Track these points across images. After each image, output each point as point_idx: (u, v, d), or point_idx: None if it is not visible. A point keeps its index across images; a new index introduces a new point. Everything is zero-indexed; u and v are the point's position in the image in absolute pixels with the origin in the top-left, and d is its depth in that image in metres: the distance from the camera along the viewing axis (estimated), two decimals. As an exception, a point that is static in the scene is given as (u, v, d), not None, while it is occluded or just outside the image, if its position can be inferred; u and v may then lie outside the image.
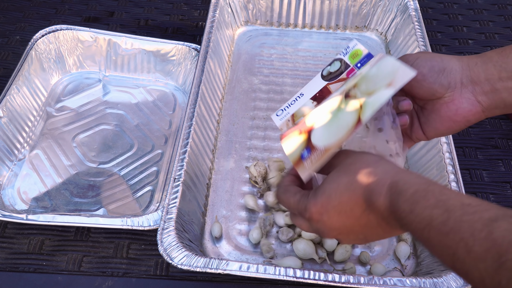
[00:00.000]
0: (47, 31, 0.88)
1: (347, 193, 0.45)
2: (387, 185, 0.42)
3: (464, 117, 0.51)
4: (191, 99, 0.77)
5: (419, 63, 0.50)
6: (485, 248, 0.35)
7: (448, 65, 0.50)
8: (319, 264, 0.68)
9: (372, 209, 0.44)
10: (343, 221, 0.46)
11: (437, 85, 0.50)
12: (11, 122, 0.79)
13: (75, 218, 0.66)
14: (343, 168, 0.46)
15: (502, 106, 0.50)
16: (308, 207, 0.47)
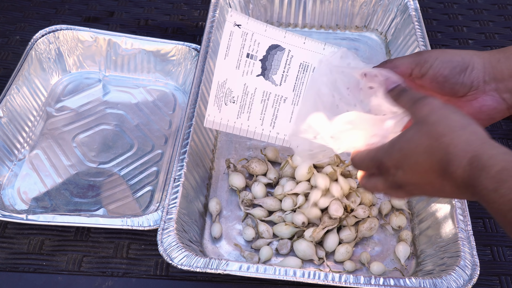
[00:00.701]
0: (47, 31, 0.88)
1: (425, 156, 0.43)
2: (468, 157, 0.40)
3: (488, 115, 0.50)
4: (191, 99, 0.77)
5: (439, 64, 0.49)
6: None
7: (469, 64, 0.49)
8: (317, 265, 0.67)
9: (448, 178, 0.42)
10: (418, 180, 0.45)
11: (459, 86, 0.49)
12: (11, 122, 0.79)
13: (75, 218, 0.66)
14: (425, 129, 0.43)
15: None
16: (385, 160, 0.46)
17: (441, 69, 0.49)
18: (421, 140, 0.43)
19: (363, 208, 0.69)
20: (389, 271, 0.67)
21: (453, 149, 0.41)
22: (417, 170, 0.44)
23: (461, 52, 0.50)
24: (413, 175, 0.45)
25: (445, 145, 0.41)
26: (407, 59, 0.51)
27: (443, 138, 0.42)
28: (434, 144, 0.42)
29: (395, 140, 0.45)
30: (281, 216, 0.70)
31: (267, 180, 0.75)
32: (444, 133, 0.42)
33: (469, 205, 0.68)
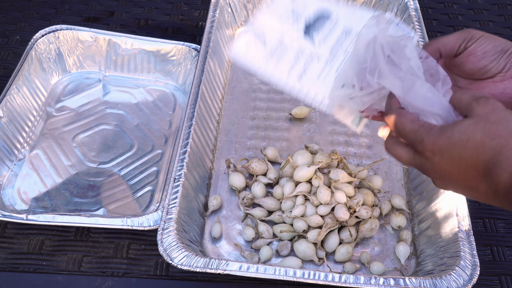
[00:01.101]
0: (47, 31, 0.88)
1: (472, 152, 0.42)
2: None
3: (509, 98, 0.50)
4: (191, 99, 0.77)
5: (483, 40, 0.50)
6: None
7: (510, 48, 0.50)
8: (318, 265, 0.68)
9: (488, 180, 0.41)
10: (452, 173, 0.44)
11: (493, 64, 0.50)
12: (11, 122, 0.79)
13: (75, 218, 0.66)
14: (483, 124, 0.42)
15: None
16: (426, 141, 0.45)
17: (484, 44, 0.50)
18: (475, 134, 0.42)
19: (366, 208, 0.69)
20: (389, 271, 0.67)
21: (506, 152, 0.40)
22: (458, 163, 0.43)
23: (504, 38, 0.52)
24: (452, 166, 0.44)
25: (499, 146, 0.41)
26: (455, 36, 0.52)
27: (499, 139, 0.41)
28: (488, 142, 0.41)
29: (447, 126, 0.44)
30: (281, 216, 0.70)
31: (267, 180, 0.75)
32: (501, 134, 0.41)
33: (469, 205, 0.68)
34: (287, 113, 0.87)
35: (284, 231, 0.68)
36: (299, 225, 0.68)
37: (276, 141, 0.83)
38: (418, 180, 0.75)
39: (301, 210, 0.68)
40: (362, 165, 0.80)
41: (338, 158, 0.72)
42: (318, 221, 0.67)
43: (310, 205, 0.69)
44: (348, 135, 0.84)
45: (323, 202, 0.67)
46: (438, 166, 0.45)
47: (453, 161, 0.43)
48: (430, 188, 0.72)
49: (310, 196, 0.69)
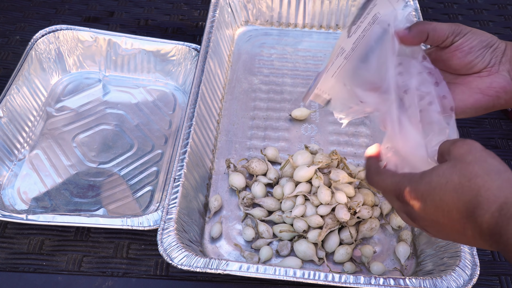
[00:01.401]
0: (47, 31, 0.88)
1: (452, 194, 0.42)
2: (498, 203, 0.39)
3: (496, 92, 0.51)
4: (191, 99, 0.77)
5: (470, 35, 0.51)
6: None
7: (495, 43, 0.51)
8: (318, 265, 0.68)
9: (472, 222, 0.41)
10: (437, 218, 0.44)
11: (479, 60, 0.50)
12: (11, 122, 0.79)
13: (75, 218, 0.66)
14: (459, 166, 0.42)
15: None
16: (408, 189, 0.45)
17: (471, 40, 0.50)
18: (453, 177, 0.42)
19: (367, 208, 0.69)
20: (389, 271, 0.67)
21: (484, 192, 0.40)
22: (441, 207, 0.43)
23: (493, 35, 0.52)
24: (436, 211, 0.44)
25: (477, 187, 0.40)
26: (446, 26, 0.52)
27: (476, 179, 0.41)
28: (466, 184, 0.41)
29: (426, 172, 0.44)
30: (281, 216, 0.70)
31: (267, 180, 0.75)
32: (478, 174, 0.41)
33: (469, 205, 0.68)
34: (287, 113, 0.87)
35: (284, 231, 0.68)
36: (299, 225, 0.68)
37: (276, 141, 0.83)
38: (418, 180, 0.75)
39: (301, 210, 0.68)
40: (362, 165, 0.80)
41: (338, 158, 0.72)
42: (318, 221, 0.67)
43: (310, 205, 0.69)
44: (348, 135, 0.84)
45: (324, 202, 0.67)
46: (424, 213, 0.45)
47: (436, 206, 0.43)
48: (430, 188, 0.72)
49: (310, 196, 0.69)
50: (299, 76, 0.95)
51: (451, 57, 0.51)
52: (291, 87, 0.92)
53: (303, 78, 0.94)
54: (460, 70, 0.52)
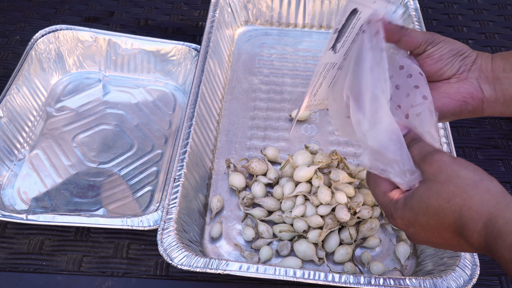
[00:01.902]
0: (47, 31, 0.88)
1: (436, 218, 0.41)
2: (482, 221, 0.38)
3: (463, 97, 0.51)
4: (191, 99, 0.77)
5: (442, 45, 0.52)
6: None
7: (466, 52, 0.52)
8: (318, 265, 0.68)
9: (464, 239, 0.41)
10: (431, 238, 0.44)
11: (448, 67, 0.52)
12: (11, 122, 0.79)
13: (75, 218, 0.66)
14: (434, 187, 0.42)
15: (502, 99, 0.51)
16: (395, 216, 0.45)
17: (442, 48, 0.52)
18: (431, 201, 0.41)
19: (367, 208, 0.69)
20: (389, 271, 0.67)
21: (466, 211, 0.39)
22: (431, 230, 0.43)
23: (465, 45, 0.53)
24: (427, 233, 0.44)
25: (458, 207, 0.40)
26: (420, 34, 0.53)
27: (455, 199, 0.40)
28: (446, 205, 0.40)
29: (408, 197, 0.44)
30: (281, 216, 0.70)
31: (267, 180, 0.75)
32: (455, 194, 0.40)
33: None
34: (287, 113, 0.87)
35: (283, 231, 0.68)
36: (299, 225, 0.68)
37: (276, 141, 0.83)
38: (418, 180, 0.75)
39: (301, 210, 0.68)
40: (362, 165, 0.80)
41: (338, 158, 0.72)
42: (318, 222, 0.67)
43: (310, 205, 0.69)
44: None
45: (324, 202, 0.67)
46: (416, 236, 0.45)
47: (426, 229, 0.43)
48: (430, 188, 0.72)
49: (310, 196, 0.69)
50: (299, 76, 0.95)
51: (423, 64, 0.52)
52: (291, 87, 0.92)
53: (303, 78, 0.94)
54: (430, 76, 0.53)
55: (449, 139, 0.73)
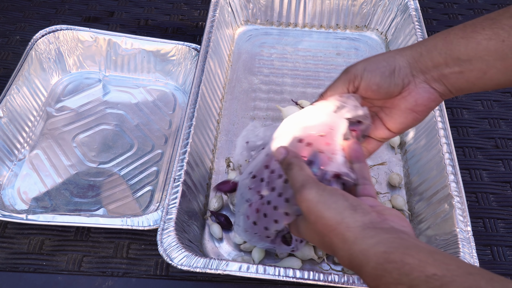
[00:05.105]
0: (47, 31, 0.88)
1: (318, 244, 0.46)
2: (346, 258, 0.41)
3: (425, 106, 0.52)
4: (191, 99, 0.77)
5: (368, 75, 0.51)
6: None
7: (395, 65, 0.51)
8: (318, 263, 0.67)
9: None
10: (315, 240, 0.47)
11: (392, 87, 0.51)
12: (11, 122, 0.79)
13: (75, 218, 0.66)
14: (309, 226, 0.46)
15: (454, 90, 0.51)
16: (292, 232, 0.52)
17: (372, 78, 0.51)
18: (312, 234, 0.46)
19: None
20: (389, 271, 0.67)
21: (335, 248, 0.43)
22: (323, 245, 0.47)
23: (383, 56, 0.52)
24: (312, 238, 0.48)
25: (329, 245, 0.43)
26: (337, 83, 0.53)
27: (325, 238, 0.44)
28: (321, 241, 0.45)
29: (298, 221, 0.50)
30: None
31: None
32: (324, 234, 0.43)
33: (469, 205, 0.68)
34: (287, 113, 0.87)
35: None
36: None
37: (276, 141, 0.83)
38: (418, 180, 0.75)
39: None
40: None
41: None
42: None
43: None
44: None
45: None
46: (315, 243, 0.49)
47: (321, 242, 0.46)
48: (430, 188, 0.72)
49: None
50: (299, 76, 0.94)
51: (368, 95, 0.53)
52: (291, 87, 0.92)
53: (303, 78, 0.94)
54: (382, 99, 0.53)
55: (449, 139, 0.73)
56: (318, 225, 0.43)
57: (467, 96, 0.92)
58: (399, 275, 0.36)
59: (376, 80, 0.51)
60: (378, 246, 0.39)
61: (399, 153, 0.82)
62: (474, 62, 0.48)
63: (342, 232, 0.42)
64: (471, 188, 0.78)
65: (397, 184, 0.76)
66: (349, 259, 0.41)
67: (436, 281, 0.34)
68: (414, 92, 0.51)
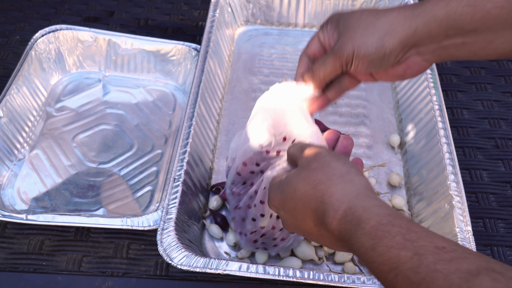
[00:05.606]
0: (47, 31, 0.88)
1: (301, 203, 0.42)
2: (342, 210, 0.38)
3: (412, 75, 0.51)
4: (191, 99, 0.77)
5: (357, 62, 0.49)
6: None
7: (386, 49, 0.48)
8: (318, 264, 0.67)
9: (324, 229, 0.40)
10: (298, 225, 0.44)
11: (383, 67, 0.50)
12: (11, 122, 0.79)
13: (75, 218, 0.66)
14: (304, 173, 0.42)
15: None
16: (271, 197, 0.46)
17: (362, 64, 0.49)
18: (299, 185, 0.42)
19: None
20: (389, 271, 0.67)
21: (328, 198, 0.39)
22: (296, 215, 0.43)
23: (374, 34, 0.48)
24: (292, 219, 0.44)
25: (321, 194, 0.40)
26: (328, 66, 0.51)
27: (320, 186, 0.40)
28: (311, 191, 0.41)
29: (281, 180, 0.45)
30: None
31: None
32: (321, 181, 0.40)
33: (469, 205, 0.68)
34: (287, 113, 0.87)
35: None
36: None
37: (276, 141, 0.83)
38: (418, 180, 0.75)
39: None
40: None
41: None
42: None
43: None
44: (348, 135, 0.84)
45: None
46: (286, 220, 0.45)
47: (292, 214, 0.43)
48: (430, 188, 0.72)
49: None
50: (299, 76, 0.94)
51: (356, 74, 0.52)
52: (291, 87, 0.92)
53: (303, 78, 0.94)
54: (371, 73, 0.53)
55: (449, 139, 0.73)
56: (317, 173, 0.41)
57: (467, 96, 0.93)
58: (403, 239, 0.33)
59: (365, 65, 0.49)
60: (382, 207, 0.37)
61: (399, 153, 0.82)
62: (480, 32, 0.45)
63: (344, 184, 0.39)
64: (471, 188, 0.78)
65: (397, 184, 0.76)
66: (345, 212, 0.38)
67: (446, 254, 0.31)
68: (404, 64, 0.50)
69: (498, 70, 0.97)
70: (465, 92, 0.93)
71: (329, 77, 0.53)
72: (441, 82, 0.94)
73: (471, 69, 0.97)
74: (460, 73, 0.97)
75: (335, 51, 0.50)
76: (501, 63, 0.99)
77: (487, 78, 0.96)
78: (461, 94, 0.93)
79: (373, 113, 0.88)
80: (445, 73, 0.96)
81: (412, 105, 0.84)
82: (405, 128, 0.84)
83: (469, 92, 0.93)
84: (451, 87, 0.94)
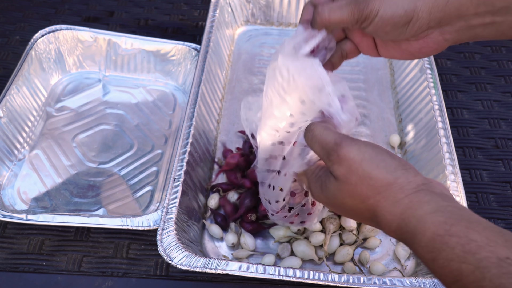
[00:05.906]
0: (47, 31, 0.88)
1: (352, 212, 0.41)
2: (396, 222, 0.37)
3: (425, 54, 0.48)
4: (191, 99, 0.77)
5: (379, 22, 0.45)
6: None
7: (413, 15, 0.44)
8: (318, 264, 0.67)
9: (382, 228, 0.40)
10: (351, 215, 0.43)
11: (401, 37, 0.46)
12: (11, 122, 0.79)
13: (75, 218, 0.66)
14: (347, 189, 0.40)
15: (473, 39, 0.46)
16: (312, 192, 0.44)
17: (382, 26, 0.45)
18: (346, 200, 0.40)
19: None
20: (389, 271, 0.67)
21: (379, 212, 0.38)
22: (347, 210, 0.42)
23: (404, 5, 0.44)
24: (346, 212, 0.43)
25: (372, 207, 0.39)
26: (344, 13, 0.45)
27: (368, 201, 0.39)
28: (360, 205, 0.39)
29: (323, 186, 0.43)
30: None
31: None
32: (368, 196, 0.39)
33: (469, 205, 0.68)
34: (287, 113, 0.87)
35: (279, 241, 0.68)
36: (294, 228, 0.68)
37: (276, 141, 0.83)
38: (418, 180, 0.75)
39: None
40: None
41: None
42: (317, 227, 0.67)
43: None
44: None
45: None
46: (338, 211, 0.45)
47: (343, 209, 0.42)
48: (430, 188, 0.72)
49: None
50: (299, 76, 0.94)
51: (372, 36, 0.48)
52: (291, 87, 0.92)
53: (303, 78, 0.94)
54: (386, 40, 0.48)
55: (449, 139, 0.73)
56: (361, 187, 0.39)
57: (467, 96, 0.93)
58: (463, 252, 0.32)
59: (386, 28, 0.45)
60: (436, 214, 0.34)
61: (399, 153, 0.82)
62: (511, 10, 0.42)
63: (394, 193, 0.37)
64: (471, 188, 0.78)
65: (397, 184, 0.76)
66: (400, 225, 0.36)
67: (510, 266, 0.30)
68: (422, 41, 0.46)
69: (498, 70, 0.97)
70: (465, 92, 0.93)
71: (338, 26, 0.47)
72: (441, 82, 0.94)
73: (471, 69, 0.97)
74: (460, 73, 0.97)
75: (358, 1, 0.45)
76: (501, 63, 0.99)
77: (487, 78, 0.96)
78: (461, 94, 0.93)
79: (373, 113, 0.88)
80: (445, 73, 0.96)
81: (412, 105, 0.84)
82: (405, 128, 0.84)
83: (469, 92, 0.93)
84: (451, 87, 0.94)
